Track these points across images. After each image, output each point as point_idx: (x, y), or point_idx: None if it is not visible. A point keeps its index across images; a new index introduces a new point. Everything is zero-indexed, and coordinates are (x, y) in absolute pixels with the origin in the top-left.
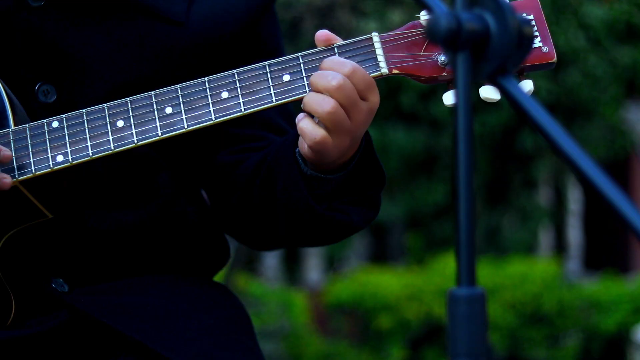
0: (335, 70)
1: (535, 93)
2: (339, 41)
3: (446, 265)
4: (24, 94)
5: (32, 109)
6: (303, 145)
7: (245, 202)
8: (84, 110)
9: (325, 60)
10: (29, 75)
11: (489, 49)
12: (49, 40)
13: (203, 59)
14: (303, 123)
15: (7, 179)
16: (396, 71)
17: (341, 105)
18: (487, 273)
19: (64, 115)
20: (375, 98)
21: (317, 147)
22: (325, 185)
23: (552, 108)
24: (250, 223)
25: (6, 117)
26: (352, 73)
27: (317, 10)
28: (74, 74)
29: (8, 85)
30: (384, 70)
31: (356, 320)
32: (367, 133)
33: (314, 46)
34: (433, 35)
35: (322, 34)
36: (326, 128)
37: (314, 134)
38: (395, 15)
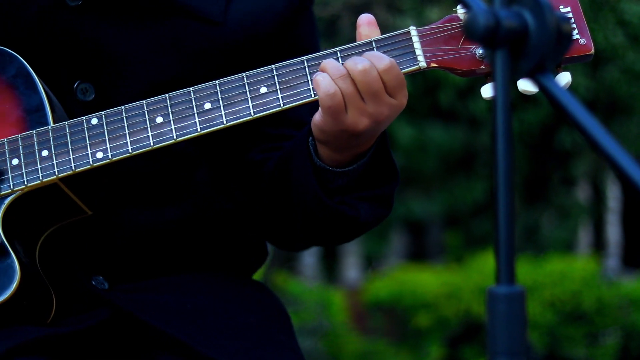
0: (372, 63)
1: (574, 90)
2: (378, 33)
3: (485, 263)
4: (63, 93)
5: (71, 107)
6: (316, 117)
7: (267, 198)
8: (123, 107)
9: (366, 54)
10: (68, 73)
11: (528, 46)
12: (87, 39)
13: (240, 58)
14: (320, 76)
15: None
16: (434, 65)
17: (359, 90)
18: (525, 271)
19: (103, 112)
20: (403, 99)
21: (329, 102)
22: (337, 179)
23: (591, 105)
24: (273, 219)
25: (45, 115)
26: (387, 68)
27: (354, 8)
28: (111, 73)
29: (47, 84)
30: (422, 63)
31: (394, 319)
32: (383, 132)
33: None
34: (471, 33)
35: (365, 17)
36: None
37: (328, 87)
38: (433, 12)
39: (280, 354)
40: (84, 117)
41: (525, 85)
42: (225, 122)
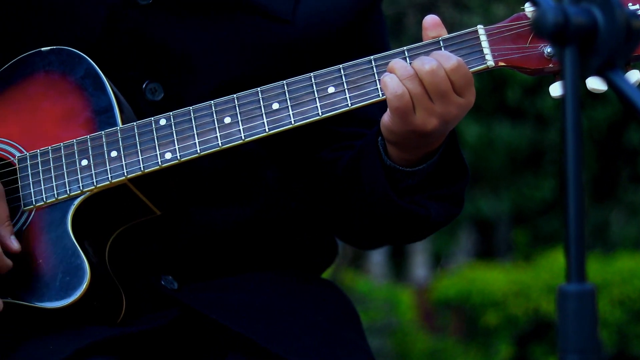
0: (440, 63)
1: None
2: (445, 32)
3: (553, 261)
4: (132, 93)
5: (140, 107)
6: (384, 118)
7: (337, 197)
8: (191, 108)
9: (433, 53)
10: (137, 73)
11: (597, 43)
12: (156, 39)
13: (308, 57)
14: (387, 77)
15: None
16: (502, 63)
17: (427, 90)
18: (595, 269)
19: (171, 113)
20: (471, 98)
21: (397, 103)
22: (407, 178)
23: None
24: (342, 218)
25: (114, 116)
26: (455, 68)
27: (420, 6)
28: (180, 72)
29: (116, 84)
30: (490, 62)
31: (463, 317)
32: (452, 130)
33: (417, 41)
34: (540, 30)
35: (431, 20)
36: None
37: (396, 88)
38: (500, 10)
39: (350, 353)
40: (152, 118)
41: (595, 84)
42: (293, 122)
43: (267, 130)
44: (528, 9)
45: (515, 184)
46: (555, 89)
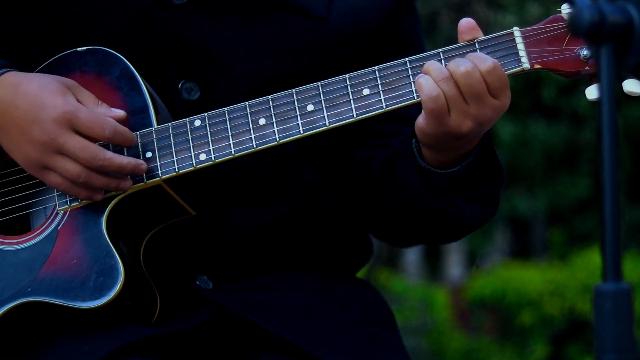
0: (475, 65)
1: None
2: (481, 34)
3: (589, 261)
4: (168, 92)
5: (176, 107)
6: (419, 120)
7: (371, 198)
8: (225, 109)
9: (468, 55)
10: (173, 73)
11: (633, 42)
12: (192, 38)
13: (344, 55)
14: (422, 78)
15: (128, 182)
16: (538, 66)
17: (462, 92)
18: (630, 268)
19: (206, 114)
20: (507, 100)
21: (432, 105)
22: (442, 180)
23: None
24: (376, 218)
25: (149, 117)
26: (491, 70)
27: (453, 5)
28: (216, 71)
29: (152, 84)
30: (526, 65)
31: (498, 316)
32: (487, 132)
33: (451, 41)
34: (576, 28)
35: (466, 23)
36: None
37: (431, 90)
38: (534, 9)
39: (386, 352)
40: (187, 119)
41: (631, 87)
42: (327, 123)
43: (301, 131)
44: (564, 10)
45: (551, 182)
46: (592, 92)
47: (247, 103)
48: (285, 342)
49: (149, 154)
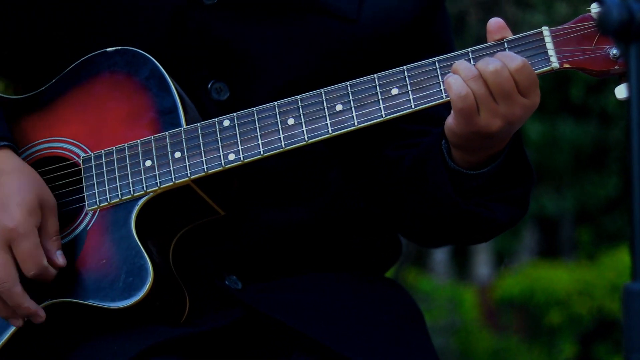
0: (504, 64)
1: None
2: (510, 34)
3: (618, 260)
4: (198, 92)
5: (205, 107)
6: (448, 120)
7: (399, 198)
8: (254, 109)
9: (497, 54)
10: (203, 73)
11: None
12: (221, 38)
13: (374, 55)
14: (451, 78)
15: (18, 322)
16: (567, 65)
17: (491, 91)
18: None
19: (235, 114)
20: (536, 99)
21: (461, 104)
22: (471, 181)
23: None
24: (405, 218)
25: (178, 117)
26: (520, 68)
27: (482, 4)
28: (245, 71)
29: (181, 84)
30: (555, 64)
31: (526, 316)
32: (517, 132)
33: (480, 40)
34: (605, 27)
35: (495, 23)
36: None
37: (460, 89)
38: (562, 8)
39: (415, 352)
40: (215, 119)
41: None
42: (356, 123)
43: (330, 131)
44: (593, 9)
45: (579, 182)
46: (621, 92)
47: (276, 103)
48: (314, 342)
49: (177, 154)
